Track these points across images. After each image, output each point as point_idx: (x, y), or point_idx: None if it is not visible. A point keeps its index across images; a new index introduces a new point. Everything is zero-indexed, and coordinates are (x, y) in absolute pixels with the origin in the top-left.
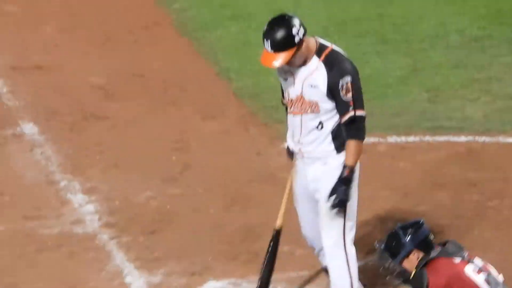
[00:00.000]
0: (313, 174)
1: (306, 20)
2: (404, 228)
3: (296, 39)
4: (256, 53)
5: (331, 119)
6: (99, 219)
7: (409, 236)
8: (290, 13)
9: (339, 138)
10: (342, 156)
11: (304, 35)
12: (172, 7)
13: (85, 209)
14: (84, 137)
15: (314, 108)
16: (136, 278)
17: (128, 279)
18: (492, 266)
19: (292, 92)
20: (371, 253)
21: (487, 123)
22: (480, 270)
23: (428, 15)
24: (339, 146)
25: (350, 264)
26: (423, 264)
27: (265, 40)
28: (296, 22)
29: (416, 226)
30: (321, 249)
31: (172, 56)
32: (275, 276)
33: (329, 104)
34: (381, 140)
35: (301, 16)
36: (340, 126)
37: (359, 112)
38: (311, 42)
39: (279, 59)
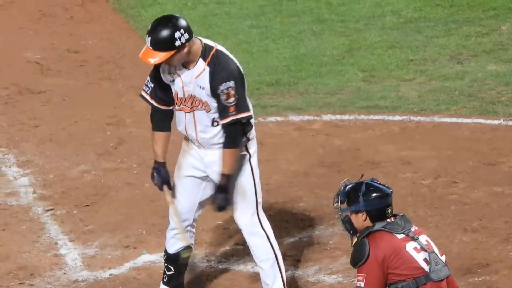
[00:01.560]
0: (211, 158)
1: (243, 0)
2: (371, 189)
3: (177, 43)
4: (192, 31)
5: None
6: (34, 192)
7: (369, 199)
8: (178, 16)
9: None
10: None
11: (187, 40)
12: None
13: (19, 181)
14: (19, 111)
15: (205, 106)
16: (71, 250)
17: (62, 251)
18: (435, 246)
19: (181, 92)
20: (305, 229)
21: (422, 103)
22: (421, 249)
23: None
24: None
25: (270, 238)
26: (366, 234)
27: (147, 36)
28: (181, 26)
29: (382, 193)
30: (188, 226)
31: (108, 33)
32: (210, 250)
33: (215, 103)
34: (316, 118)
35: None
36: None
37: (242, 115)
38: (197, 45)
39: (156, 58)
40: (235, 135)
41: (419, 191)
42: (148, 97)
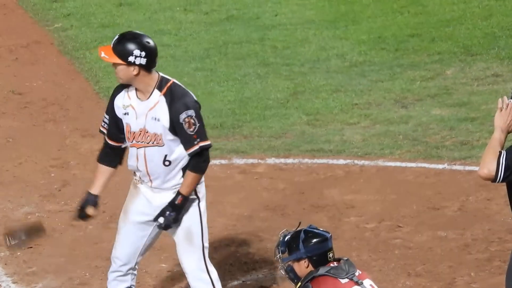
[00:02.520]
0: (160, 200)
1: (188, 42)
2: (309, 235)
3: (130, 58)
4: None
5: (177, 155)
6: None
7: (309, 245)
8: (153, 43)
9: None
10: None
11: (142, 66)
12: (53, 26)
13: None
14: None
15: (158, 140)
16: None
17: None
18: None
19: (135, 125)
20: (248, 272)
21: (366, 147)
22: None
23: (309, 39)
24: None
25: (215, 284)
26: (310, 279)
27: (116, 36)
28: (144, 49)
29: (321, 238)
30: (131, 269)
31: (53, 75)
32: None
33: (171, 136)
34: (260, 161)
35: (183, 38)
36: (189, 163)
37: (204, 143)
38: (153, 77)
39: (107, 56)
40: (201, 160)
41: (363, 235)
42: (105, 131)
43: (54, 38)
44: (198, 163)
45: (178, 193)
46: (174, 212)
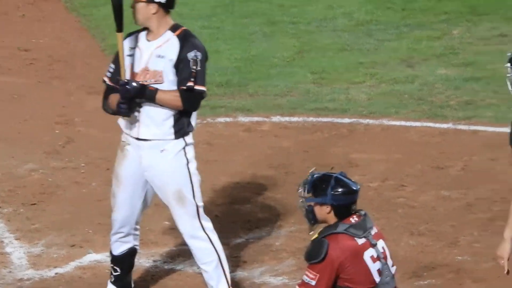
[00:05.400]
0: (148, 161)
1: (195, 0)
2: (340, 183)
3: None
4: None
5: None
6: None
7: (336, 194)
8: None
9: (180, 123)
10: (180, 142)
11: (162, 4)
12: None
13: None
14: None
15: (157, 77)
16: (16, 248)
17: (8, 249)
18: (389, 254)
19: (137, 65)
20: (251, 230)
21: (371, 106)
22: (377, 258)
23: None
24: (179, 131)
25: (213, 240)
26: (327, 234)
27: None
28: None
29: (350, 189)
30: (131, 230)
31: (59, 32)
32: (155, 250)
33: (172, 76)
34: (265, 119)
35: None
36: (182, 113)
37: (199, 87)
38: (168, 20)
39: None
40: (193, 98)
41: (367, 193)
42: (107, 80)
43: None
44: (189, 96)
45: (156, 89)
46: (139, 89)
